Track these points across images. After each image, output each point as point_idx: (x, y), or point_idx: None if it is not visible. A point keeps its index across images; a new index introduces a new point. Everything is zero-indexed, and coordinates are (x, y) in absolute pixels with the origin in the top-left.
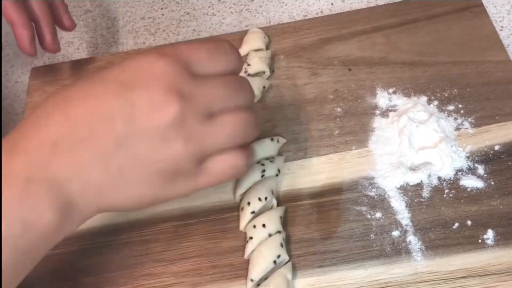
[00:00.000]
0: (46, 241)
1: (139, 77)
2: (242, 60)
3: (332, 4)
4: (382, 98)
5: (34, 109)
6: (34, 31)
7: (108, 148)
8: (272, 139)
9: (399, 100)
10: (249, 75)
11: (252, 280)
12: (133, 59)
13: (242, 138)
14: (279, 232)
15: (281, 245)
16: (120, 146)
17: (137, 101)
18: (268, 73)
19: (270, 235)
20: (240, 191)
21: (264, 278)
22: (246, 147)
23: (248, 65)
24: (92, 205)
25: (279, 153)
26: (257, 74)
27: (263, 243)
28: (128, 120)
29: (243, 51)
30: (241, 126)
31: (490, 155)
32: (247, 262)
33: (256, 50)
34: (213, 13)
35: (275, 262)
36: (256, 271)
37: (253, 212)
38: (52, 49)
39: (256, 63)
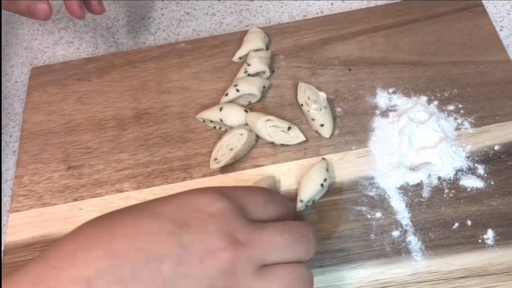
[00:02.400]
0: None
1: (195, 218)
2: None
3: (332, 4)
4: (382, 98)
5: (73, 235)
6: None
7: None
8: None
9: (399, 100)
10: (249, 75)
11: (301, 201)
12: (190, 196)
13: None
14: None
15: (327, 170)
16: None
17: (190, 244)
18: (268, 73)
19: None
20: None
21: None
22: None
23: (248, 65)
24: None
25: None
26: (257, 74)
27: (312, 168)
28: (177, 263)
29: (243, 51)
30: (291, 284)
31: (490, 155)
32: None
33: (256, 50)
34: (213, 13)
35: (322, 185)
36: (305, 193)
37: None
38: (99, 12)
39: (256, 63)
